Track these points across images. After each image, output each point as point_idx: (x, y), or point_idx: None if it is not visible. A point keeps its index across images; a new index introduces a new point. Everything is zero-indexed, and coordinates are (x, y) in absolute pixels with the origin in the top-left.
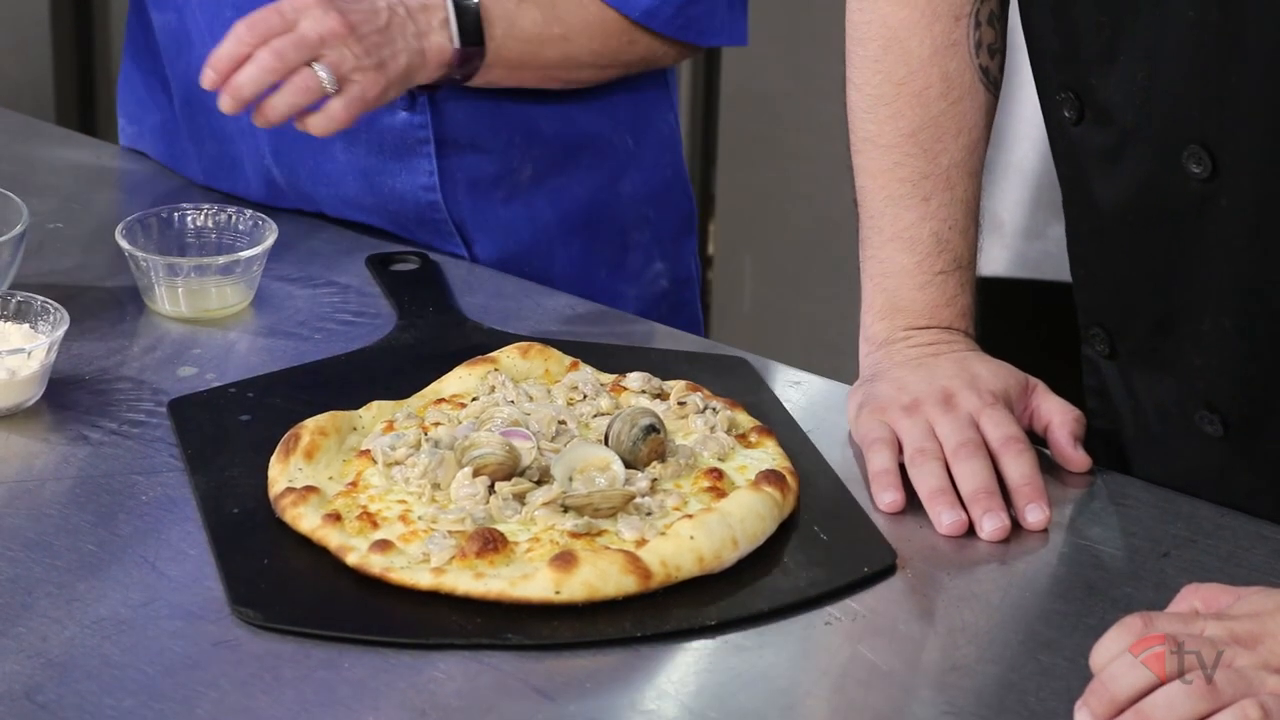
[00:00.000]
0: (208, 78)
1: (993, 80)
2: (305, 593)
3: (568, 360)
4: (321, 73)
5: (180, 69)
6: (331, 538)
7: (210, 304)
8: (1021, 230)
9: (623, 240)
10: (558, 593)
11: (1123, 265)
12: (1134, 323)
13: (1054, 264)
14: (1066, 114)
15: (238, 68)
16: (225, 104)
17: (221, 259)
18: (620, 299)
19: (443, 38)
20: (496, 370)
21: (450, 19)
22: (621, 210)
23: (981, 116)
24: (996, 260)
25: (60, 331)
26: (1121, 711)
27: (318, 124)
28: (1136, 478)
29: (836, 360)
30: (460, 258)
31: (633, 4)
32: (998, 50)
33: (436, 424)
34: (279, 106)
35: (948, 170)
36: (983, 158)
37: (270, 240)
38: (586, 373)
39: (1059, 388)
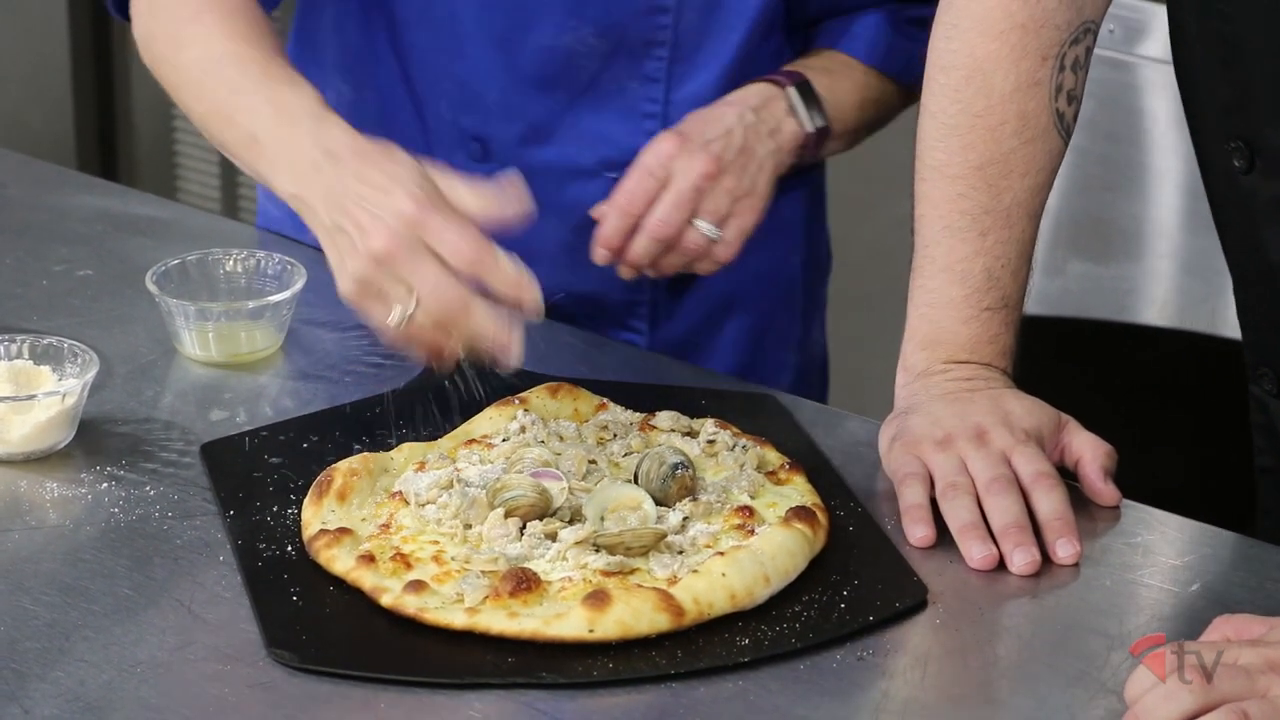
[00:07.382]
0: (600, 255)
1: (1065, 127)
2: (341, 634)
3: (596, 400)
4: (705, 229)
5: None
6: (366, 579)
7: (240, 348)
8: (1041, 267)
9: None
10: (591, 631)
11: None
12: None
13: (1073, 301)
14: (1236, 164)
15: (627, 240)
16: (624, 272)
17: (251, 304)
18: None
19: (792, 125)
20: (526, 411)
21: (796, 105)
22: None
23: (1049, 161)
24: None
25: (90, 374)
26: None
27: (706, 269)
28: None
29: (862, 398)
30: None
31: (909, 72)
32: (1076, 98)
33: (468, 465)
34: (673, 264)
35: (1009, 208)
36: (1044, 203)
37: (299, 284)
38: (615, 412)
39: (1083, 423)
